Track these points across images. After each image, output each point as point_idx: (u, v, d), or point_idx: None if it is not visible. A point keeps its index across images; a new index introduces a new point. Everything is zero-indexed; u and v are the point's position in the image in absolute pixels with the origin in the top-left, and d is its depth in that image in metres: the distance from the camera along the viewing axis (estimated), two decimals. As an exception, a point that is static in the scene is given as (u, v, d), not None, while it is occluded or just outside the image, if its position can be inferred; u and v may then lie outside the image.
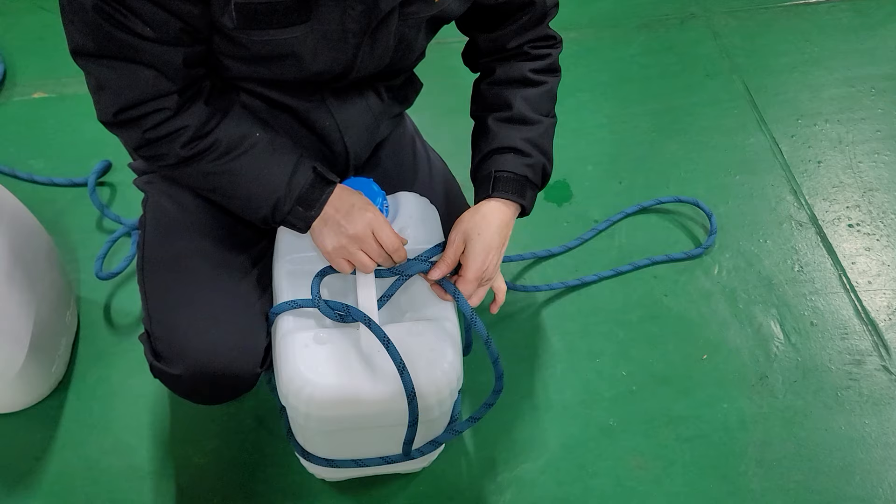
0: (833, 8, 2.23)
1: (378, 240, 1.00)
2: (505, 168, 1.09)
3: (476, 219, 1.06)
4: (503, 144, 1.10)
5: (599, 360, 1.50)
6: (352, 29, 0.95)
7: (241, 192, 1.00)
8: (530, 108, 1.13)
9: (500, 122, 1.12)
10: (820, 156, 1.88)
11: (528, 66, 1.14)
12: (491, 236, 1.06)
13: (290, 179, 0.99)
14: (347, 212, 1.00)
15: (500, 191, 1.08)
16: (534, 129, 1.12)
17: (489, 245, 1.05)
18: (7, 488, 1.29)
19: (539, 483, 1.34)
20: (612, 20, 2.17)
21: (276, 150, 1.00)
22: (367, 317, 0.97)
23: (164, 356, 1.05)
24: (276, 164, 0.99)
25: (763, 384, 1.47)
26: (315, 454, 1.13)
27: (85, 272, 1.55)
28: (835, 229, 1.73)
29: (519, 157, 1.10)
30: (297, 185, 0.99)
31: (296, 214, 1.00)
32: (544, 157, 1.13)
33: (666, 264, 1.65)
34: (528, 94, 1.13)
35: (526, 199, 1.10)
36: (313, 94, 1.04)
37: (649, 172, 1.82)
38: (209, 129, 0.97)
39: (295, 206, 1.00)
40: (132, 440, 1.35)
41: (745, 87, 2.01)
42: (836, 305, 1.60)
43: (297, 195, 0.99)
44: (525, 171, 1.09)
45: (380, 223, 1.01)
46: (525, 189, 1.10)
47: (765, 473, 1.36)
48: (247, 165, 0.99)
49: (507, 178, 1.09)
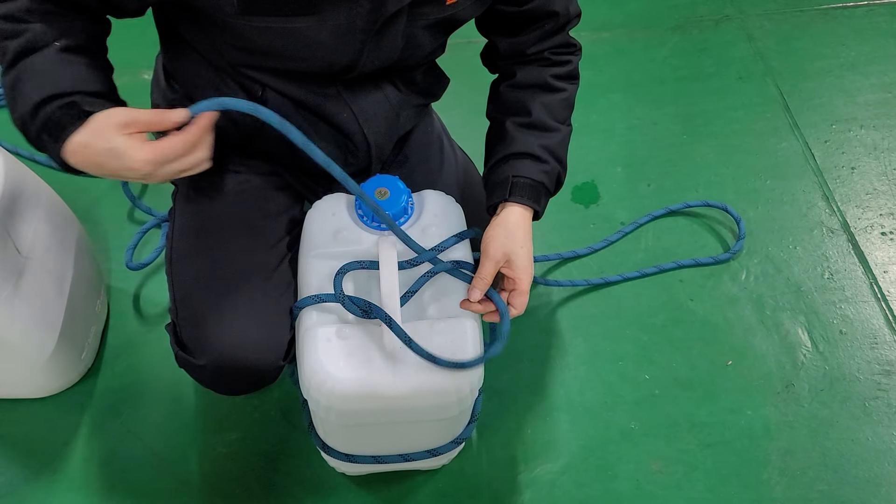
0: (871, 12, 2.19)
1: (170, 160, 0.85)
2: (522, 174, 1.09)
3: (512, 231, 1.06)
4: (521, 150, 1.11)
5: (622, 362, 1.49)
6: (359, 25, 0.95)
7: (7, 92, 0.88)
8: (549, 115, 1.13)
9: (518, 126, 1.12)
10: (854, 162, 1.85)
11: (549, 71, 1.14)
12: (528, 244, 1.07)
13: (47, 101, 0.86)
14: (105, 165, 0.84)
15: (517, 195, 1.08)
16: (552, 137, 1.13)
17: (528, 252, 1.07)
18: (35, 472, 1.32)
19: (558, 484, 1.34)
20: (646, 21, 2.16)
21: (51, 71, 0.88)
22: (388, 316, 0.97)
23: (189, 346, 1.07)
24: (36, 87, 0.87)
25: (789, 392, 1.45)
26: (335, 448, 1.14)
27: (115, 262, 1.58)
28: (867, 237, 1.70)
29: (536, 163, 1.10)
30: (49, 110, 0.85)
31: (46, 144, 0.87)
32: (560, 165, 1.14)
33: (692, 268, 1.63)
34: (547, 100, 1.14)
35: (541, 204, 1.11)
36: (328, 86, 1.05)
37: (678, 175, 1.80)
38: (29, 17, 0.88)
39: (41, 135, 0.87)
40: (157, 428, 1.37)
41: (778, 91, 1.99)
42: (866, 314, 1.57)
43: (43, 122, 0.86)
44: (542, 178, 1.10)
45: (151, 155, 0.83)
46: (541, 195, 1.11)
47: (788, 482, 1.34)
48: (20, 71, 0.87)
49: (523, 184, 1.09)
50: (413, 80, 1.14)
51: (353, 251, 1.06)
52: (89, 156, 0.85)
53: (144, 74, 1.85)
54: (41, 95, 0.86)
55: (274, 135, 1.08)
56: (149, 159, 0.83)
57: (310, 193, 1.21)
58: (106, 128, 0.84)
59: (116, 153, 0.83)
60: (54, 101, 0.86)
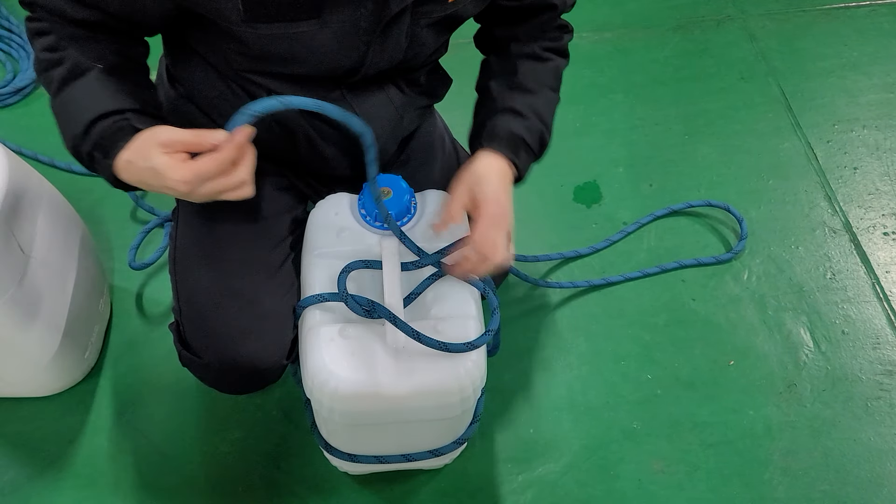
0: (873, 12, 2.19)
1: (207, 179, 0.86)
2: (501, 125, 1.07)
3: (477, 168, 1.03)
4: (503, 106, 1.09)
5: (624, 362, 1.49)
6: (363, 27, 0.94)
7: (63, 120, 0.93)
8: (535, 78, 1.12)
9: (502, 86, 1.11)
10: (856, 162, 1.85)
11: (539, 44, 1.15)
12: (497, 183, 1.02)
13: (96, 120, 0.89)
14: (150, 181, 0.87)
15: (493, 143, 1.05)
16: (535, 98, 1.11)
17: (497, 190, 1.01)
18: (39, 470, 1.32)
19: (560, 484, 1.34)
20: (647, 21, 2.16)
21: (97, 92, 0.91)
22: (392, 313, 0.98)
23: (193, 346, 1.07)
24: (85, 108, 0.90)
25: (791, 392, 1.46)
26: (338, 448, 1.15)
27: (118, 261, 1.58)
28: (869, 237, 1.70)
29: (518, 118, 1.08)
30: (99, 129, 0.89)
31: (98, 162, 0.91)
32: (543, 125, 1.10)
33: (694, 268, 1.63)
34: (534, 66, 1.13)
35: (520, 159, 1.06)
36: (332, 90, 1.05)
37: (680, 175, 1.80)
38: (66, 45, 0.92)
39: (93, 153, 0.91)
40: (160, 427, 1.37)
41: (780, 91, 1.99)
42: (868, 314, 1.57)
43: (95, 140, 0.90)
44: (521, 132, 1.07)
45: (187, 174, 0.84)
46: (520, 149, 1.07)
47: (790, 482, 1.35)
48: (67, 95, 0.92)
49: (502, 135, 1.06)
50: (416, 81, 1.14)
51: (356, 250, 1.07)
52: (134, 173, 0.88)
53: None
54: (92, 115, 0.90)
55: (278, 135, 1.08)
56: (185, 179, 0.84)
57: (313, 194, 1.21)
58: (148, 146, 0.86)
59: (156, 172, 0.85)
60: (105, 119, 0.90)
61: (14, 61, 1.94)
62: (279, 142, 1.10)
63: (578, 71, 2.01)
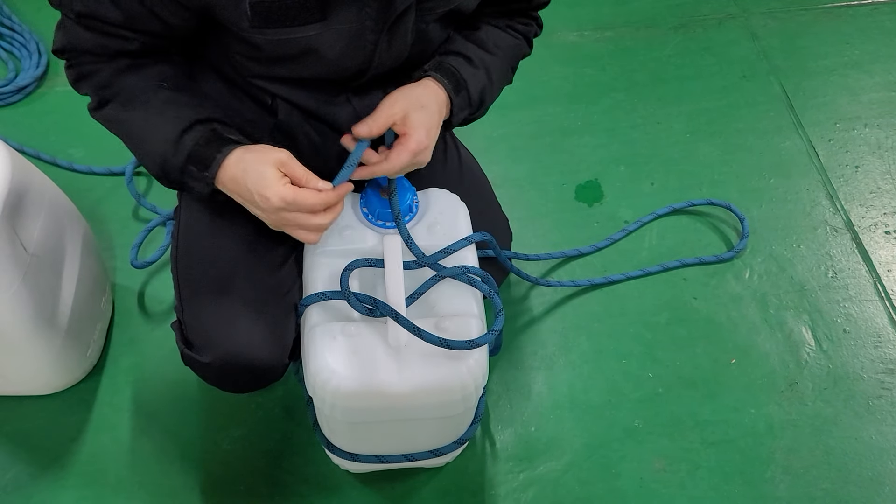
0: (875, 10, 2.18)
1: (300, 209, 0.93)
2: (450, 62, 1.06)
3: (418, 91, 1.01)
4: (458, 50, 1.08)
5: (626, 361, 1.49)
6: (369, 26, 0.95)
7: (137, 145, 0.99)
8: (494, 41, 1.12)
9: (461, 36, 1.11)
10: (858, 160, 1.85)
11: (508, 22, 1.15)
12: (432, 112, 1.01)
13: (181, 136, 0.95)
14: (250, 196, 0.93)
15: (439, 73, 1.04)
16: (489, 56, 1.10)
17: (430, 121, 1.01)
18: (42, 468, 1.32)
19: (562, 482, 1.34)
20: (649, 20, 2.15)
21: (179, 105, 0.97)
22: (394, 309, 0.98)
23: (195, 345, 1.07)
24: (169, 120, 0.96)
25: (792, 391, 1.46)
26: (339, 447, 1.15)
27: (120, 260, 1.59)
28: (871, 236, 1.70)
29: (467, 63, 1.07)
30: (187, 143, 0.94)
31: (192, 175, 0.96)
32: (489, 81, 1.10)
33: (696, 267, 1.63)
34: (497, 32, 1.13)
35: (457, 99, 1.05)
36: (337, 94, 1.05)
37: (682, 174, 1.80)
38: (119, 78, 0.97)
39: (188, 166, 0.95)
40: (162, 425, 1.38)
41: (782, 90, 1.98)
42: (870, 313, 1.57)
43: (188, 153, 0.94)
44: (467, 76, 1.06)
45: (292, 201, 0.92)
46: (461, 89, 1.06)
47: (792, 481, 1.35)
48: (140, 117, 0.97)
49: (448, 70, 1.05)
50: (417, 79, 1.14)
51: (358, 249, 1.07)
52: (242, 178, 0.93)
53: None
54: (179, 127, 0.95)
55: (280, 141, 1.09)
56: (283, 196, 0.91)
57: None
58: (266, 157, 0.93)
59: (265, 179, 0.91)
60: (194, 128, 0.95)
61: (16, 60, 1.94)
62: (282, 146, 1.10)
63: (580, 69, 2.01)
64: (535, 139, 1.82)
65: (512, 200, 1.57)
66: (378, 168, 1.00)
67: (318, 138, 1.08)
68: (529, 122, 1.87)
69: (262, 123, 1.07)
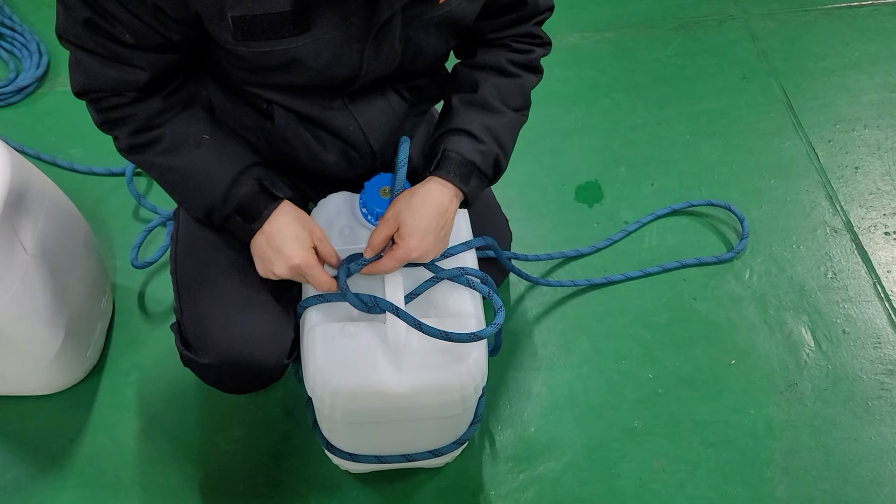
0: (875, 11, 2.19)
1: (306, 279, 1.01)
2: (454, 149, 1.04)
3: (413, 201, 1.02)
4: (459, 126, 1.06)
5: (626, 361, 1.49)
6: (354, 35, 0.94)
7: (181, 190, 1.02)
8: (497, 96, 1.09)
9: (463, 102, 1.09)
10: (857, 162, 1.85)
11: (507, 56, 1.11)
12: (427, 220, 1.01)
13: (230, 188, 1.00)
14: (279, 247, 0.99)
15: (442, 170, 1.03)
16: (495, 118, 1.08)
17: (425, 229, 1.01)
18: (41, 468, 1.32)
19: (562, 482, 1.34)
20: (650, 21, 2.16)
21: (222, 155, 1.01)
22: (394, 305, 0.98)
23: (195, 346, 1.07)
24: (217, 169, 1.00)
25: (792, 391, 1.46)
26: (339, 447, 1.15)
27: (121, 260, 1.59)
28: (871, 237, 1.70)
29: (472, 140, 1.05)
30: (236, 195, 1.00)
31: (234, 224, 1.02)
32: (499, 148, 1.07)
33: (696, 267, 1.64)
34: (498, 81, 1.10)
35: (469, 186, 1.04)
36: (333, 99, 1.05)
37: (682, 175, 1.80)
38: (159, 122, 0.98)
39: (234, 216, 1.01)
40: (162, 426, 1.38)
41: (782, 91, 1.99)
42: (869, 314, 1.57)
43: (237, 204, 1.00)
44: (474, 157, 1.04)
45: (308, 266, 0.99)
46: (471, 176, 1.05)
47: (791, 481, 1.35)
48: (188, 165, 1.00)
49: (453, 159, 1.04)
50: (418, 86, 1.14)
51: (357, 249, 1.07)
52: (274, 235, 0.99)
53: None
54: (228, 178, 1.00)
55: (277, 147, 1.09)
56: (303, 257, 0.98)
57: (314, 194, 1.22)
58: (304, 226, 1.01)
59: (294, 239, 0.99)
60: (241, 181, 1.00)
61: (17, 60, 1.94)
62: (279, 150, 1.10)
63: (580, 70, 2.01)
64: (536, 140, 1.82)
65: (512, 201, 1.58)
66: (373, 268, 1.04)
67: (315, 143, 1.08)
68: (529, 123, 1.83)
69: (259, 129, 1.07)
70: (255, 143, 1.09)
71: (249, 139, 1.09)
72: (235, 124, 1.08)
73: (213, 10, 0.87)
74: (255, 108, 1.06)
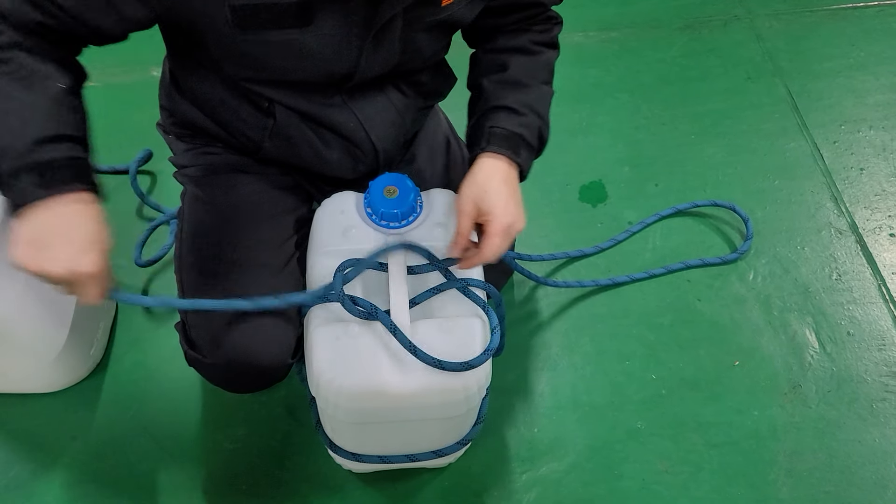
0: (881, 12, 2.18)
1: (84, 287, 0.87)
2: (498, 124, 1.04)
3: (479, 178, 1.01)
4: (497, 104, 1.06)
5: (629, 362, 1.49)
6: (355, 32, 0.94)
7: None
8: (526, 73, 1.10)
9: (495, 83, 1.09)
10: (863, 163, 1.84)
11: (529, 36, 1.12)
12: (499, 188, 1.00)
13: (50, 140, 0.83)
14: (73, 240, 0.83)
15: (494, 145, 1.03)
16: (529, 92, 1.08)
17: (505, 197, 1.00)
18: (44, 466, 1.32)
19: (564, 483, 1.34)
20: (654, 21, 2.15)
21: (62, 111, 0.86)
22: (394, 324, 0.97)
23: (199, 345, 1.07)
24: (48, 115, 0.84)
25: (796, 393, 1.45)
26: (342, 447, 1.15)
27: (124, 258, 1.59)
28: (876, 238, 1.70)
29: (513, 114, 1.05)
30: (50, 150, 0.82)
31: (21, 182, 0.81)
32: (540, 119, 1.08)
33: (700, 268, 1.63)
34: (524, 60, 1.11)
35: (521, 157, 1.05)
36: (332, 96, 1.05)
37: (686, 175, 1.80)
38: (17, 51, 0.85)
39: (29, 172, 0.81)
40: (165, 424, 1.38)
41: (787, 91, 1.98)
42: (874, 316, 1.57)
43: (45, 161, 0.82)
44: (520, 129, 1.05)
45: (100, 277, 0.87)
46: (520, 147, 1.05)
47: (795, 483, 1.34)
48: (19, 95, 0.83)
49: (500, 134, 1.04)
50: (419, 81, 1.14)
51: (361, 249, 1.06)
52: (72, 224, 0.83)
53: (153, 71, 1.86)
54: (49, 131, 0.83)
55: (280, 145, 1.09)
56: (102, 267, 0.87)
57: (318, 193, 1.22)
58: (104, 232, 0.88)
59: (98, 243, 0.86)
60: (62, 143, 0.84)
61: (21, 58, 1.94)
62: (282, 150, 1.10)
63: (584, 70, 2.01)
64: (540, 140, 1.82)
65: (516, 201, 1.57)
66: (477, 258, 1.00)
67: (317, 141, 1.08)
68: (533, 123, 1.87)
69: (262, 127, 1.07)
70: (259, 142, 1.09)
71: (254, 137, 1.09)
72: (239, 123, 1.08)
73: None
74: (257, 106, 1.05)
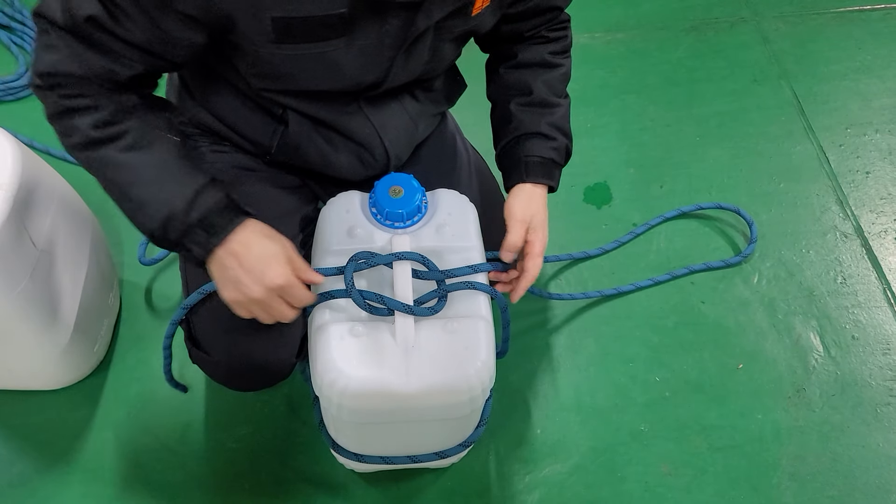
0: (888, 15, 2.17)
1: (289, 298, 0.93)
2: (533, 153, 1.13)
3: (531, 205, 1.11)
4: (529, 130, 1.14)
5: (633, 364, 1.49)
6: (388, 43, 0.95)
7: (136, 193, 0.90)
8: (550, 91, 1.16)
9: (522, 107, 1.15)
10: (868, 166, 1.84)
11: (547, 48, 1.17)
12: (543, 216, 1.12)
13: (198, 195, 0.89)
14: (253, 267, 0.90)
15: (533, 175, 1.12)
16: (555, 113, 1.15)
17: (544, 220, 1.12)
18: (47, 463, 1.33)
19: (568, 485, 1.34)
20: (661, 22, 2.15)
21: (189, 162, 0.92)
22: (404, 304, 0.98)
23: (203, 343, 1.07)
24: (185, 175, 0.90)
25: (800, 397, 1.45)
26: (345, 447, 1.15)
27: (128, 256, 1.59)
28: (881, 242, 1.69)
29: (545, 140, 1.14)
30: (203, 204, 0.89)
31: (194, 238, 0.90)
32: (566, 139, 1.17)
33: (704, 271, 1.63)
34: (547, 77, 1.16)
35: (554, 178, 1.15)
36: (349, 103, 1.05)
37: (691, 177, 1.80)
38: (125, 117, 0.89)
39: (196, 229, 0.89)
40: (168, 422, 1.38)
41: (793, 94, 1.98)
42: (879, 320, 1.56)
43: (201, 215, 0.89)
44: (552, 154, 1.14)
45: (290, 285, 0.92)
46: (553, 171, 1.15)
47: (798, 487, 1.34)
48: (150, 164, 0.89)
49: (536, 163, 1.13)
50: (432, 87, 1.16)
51: (368, 249, 1.06)
52: (245, 254, 0.90)
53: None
54: (196, 184, 0.90)
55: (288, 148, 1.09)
56: (286, 276, 0.91)
57: (323, 193, 1.22)
58: (277, 241, 0.93)
59: (272, 257, 0.91)
60: (210, 190, 0.90)
61: (26, 54, 1.95)
62: (290, 153, 1.10)
63: (591, 71, 2.01)
64: (545, 140, 1.82)
65: (520, 202, 1.57)
66: (525, 282, 1.09)
67: (327, 147, 1.09)
68: (539, 124, 1.87)
69: (271, 133, 1.07)
70: (265, 146, 1.09)
71: (261, 142, 1.09)
72: (249, 128, 1.08)
73: (249, 11, 0.86)
74: (270, 113, 1.06)
